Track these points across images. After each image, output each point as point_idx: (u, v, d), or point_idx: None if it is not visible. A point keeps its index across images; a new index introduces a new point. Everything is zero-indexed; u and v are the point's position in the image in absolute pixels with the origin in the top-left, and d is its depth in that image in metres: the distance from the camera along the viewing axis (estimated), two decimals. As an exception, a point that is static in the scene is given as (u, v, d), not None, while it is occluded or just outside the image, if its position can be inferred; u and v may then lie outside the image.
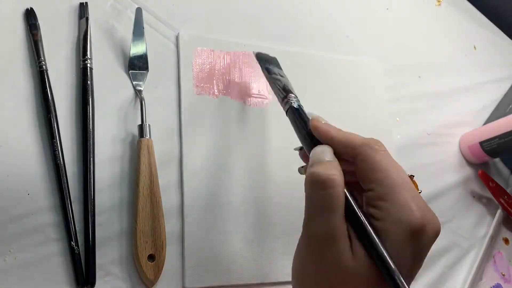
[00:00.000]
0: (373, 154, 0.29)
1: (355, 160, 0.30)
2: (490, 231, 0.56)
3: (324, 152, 0.30)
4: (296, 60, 0.53)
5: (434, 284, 0.50)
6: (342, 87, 0.55)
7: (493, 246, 0.56)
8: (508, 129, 0.54)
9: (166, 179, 0.41)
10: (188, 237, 0.40)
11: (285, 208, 0.45)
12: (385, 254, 0.26)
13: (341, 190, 0.28)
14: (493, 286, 0.53)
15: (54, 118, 0.39)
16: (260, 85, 0.50)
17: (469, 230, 0.56)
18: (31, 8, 0.42)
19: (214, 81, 0.47)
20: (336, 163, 0.29)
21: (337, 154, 0.31)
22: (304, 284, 0.29)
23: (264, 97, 0.49)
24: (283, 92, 0.38)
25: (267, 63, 0.44)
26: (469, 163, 0.60)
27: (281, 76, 0.41)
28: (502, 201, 0.57)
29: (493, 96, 0.68)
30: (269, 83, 0.41)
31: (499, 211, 0.58)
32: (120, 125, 0.42)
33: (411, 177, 0.47)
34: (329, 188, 0.28)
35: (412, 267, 0.27)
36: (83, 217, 0.37)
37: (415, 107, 0.60)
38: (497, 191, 0.57)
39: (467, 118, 0.64)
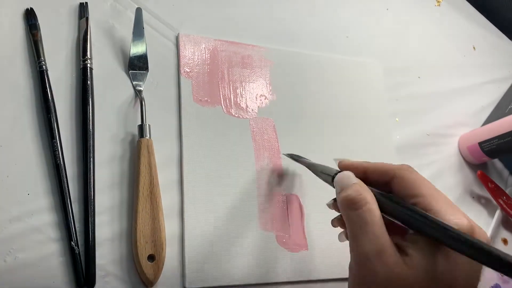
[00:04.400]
0: (409, 174, 0.32)
1: (392, 182, 0.32)
2: (489, 232, 0.56)
3: (349, 177, 0.32)
4: (296, 60, 0.53)
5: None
6: (342, 87, 0.55)
7: (492, 247, 0.56)
8: (507, 130, 0.54)
9: (166, 179, 0.41)
10: (188, 237, 0.40)
11: (284, 208, 0.45)
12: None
13: (375, 206, 0.30)
14: (492, 286, 0.54)
15: (54, 118, 0.39)
16: (259, 85, 0.50)
17: (468, 231, 0.56)
18: (31, 8, 0.42)
19: (214, 81, 0.47)
20: (362, 183, 0.31)
21: (369, 182, 0.32)
22: None
23: (264, 97, 0.49)
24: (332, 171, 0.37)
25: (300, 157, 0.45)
26: (468, 163, 0.60)
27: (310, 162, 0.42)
28: (501, 201, 0.57)
29: (492, 96, 0.68)
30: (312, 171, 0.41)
31: (498, 212, 0.58)
32: (120, 125, 0.42)
33: None
34: (364, 206, 0.29)
35: None
36: (83, 217, 0.37)
37: (414, 107, 0.60)
38: (496, 191, 0.57)
39: (466, 119, 0.64)
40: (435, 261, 0.27)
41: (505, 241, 0.58)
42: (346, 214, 0.31)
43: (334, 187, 0.33)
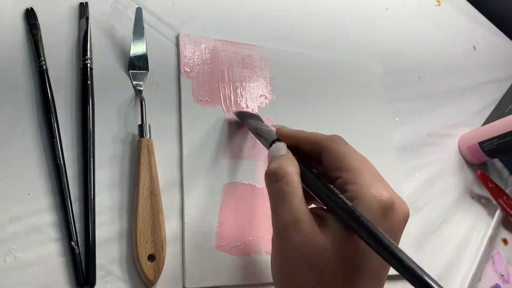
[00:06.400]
0: (337, 146, 0.32)
1: (321, 154, 0.33)
2: (489, 232, 0.56)
3: (278, 149, 0.33)
4: (296, 60, 0.53)
5: (433, 284, 0.50)
6: (342, 87, 0.55)
7: (492, 247, 0.56)
8: (507, 130, 0.54)
9: (166, 179, 0.41)
10: (188, 237, 0.40)
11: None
12: (363, 217, 0.27)
13: (295, 178, 0.31)
14: (492, 286, 0.54)
15: (54, 118, 0.39)
16: (259, 85, 0.50)
17: (468, 231, 0.56)
18: (31, 8, 0.42)
19: (214, 81, 0.47)
20: (289, 155, 0.33)
21: (304, 152, 0.34)
22: (283, 278, 0.30)
23: (264, 97, 0.49)
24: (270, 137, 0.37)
25: (247, 118, 0.44)
26: (468, 163, 0.60)
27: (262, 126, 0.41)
28: (501, 201, 0.57)
29: (493, 96, 0.68)
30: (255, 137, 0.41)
31: (498, 212, 0.58)
32: (120, 125, 0.42)
33: None
34: (284, 178, 0.31)
35: None
36: (83, 217, 0.37)
37: (414, 107, 0.60)
38: (496, 191, 0.57)
39: (467, 119, 0.64)
40: (351, 235, 0.28)
41: (505, 241, 0.58)
42: (268, 187, 0.32)
43: None
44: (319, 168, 0.33)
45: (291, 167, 0.31)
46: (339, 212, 0.28)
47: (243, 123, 0.43)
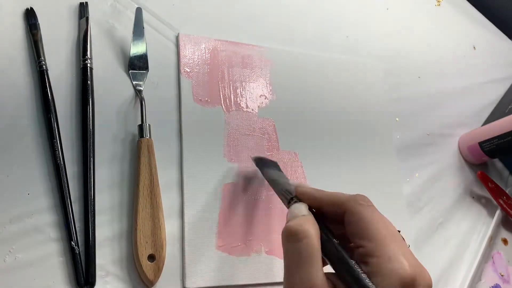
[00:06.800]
0: (361, 209, 0.29)
1: (344, 216, 0.30)
2: (489, 232, 0.56)
3: (298, 208, 0.32)
4: (296, 60, 0.53)
5: (433, 284, 0.50)
6: (342, 87, 0.55)
7: (492, 247, 0.56)
8: (507, 130, 0.54)
9: (166, 179, 0.41)
10: (188, 237, 0.40)
11: (284, 207, 0.45)
12: None
13: (315, 241, 0.28)
14: (492, 286, 0.54)
15: (54, 118, 0.39)
16: (259, 85, 0.50)
17: (468, 231, 0.56)
18: (31, 8, 0.42)
19: (214, 81, 0.47)
20: (310, 217, 0.30)
21: (325, 215, 0.32)
22: None
23: (264, 97, 0.49)
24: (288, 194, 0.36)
25: (265, 167, 0.43)
26: (468, 163, 0.60)
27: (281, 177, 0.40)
28: (501, 201, 0.57)
29: (493, 96, 0.68)
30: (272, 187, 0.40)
31: (498, 212, 0.58)
32: (120, 125, 0.42)
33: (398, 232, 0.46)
34: (303, 239, 0.28)
35: None
36: (83, 217, 0.37)
37: (414, 107, 0.60)
38: (496, 191, 0.57)
39: (467, 119, 0.64)
40: None
41: (505, 241, 0.58)
42: (285, 247, 0.30)
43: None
44: (341, 228, 0.31)
45: (312, 230, 0.29)
46: None
47: (261, 171, 0.42)
